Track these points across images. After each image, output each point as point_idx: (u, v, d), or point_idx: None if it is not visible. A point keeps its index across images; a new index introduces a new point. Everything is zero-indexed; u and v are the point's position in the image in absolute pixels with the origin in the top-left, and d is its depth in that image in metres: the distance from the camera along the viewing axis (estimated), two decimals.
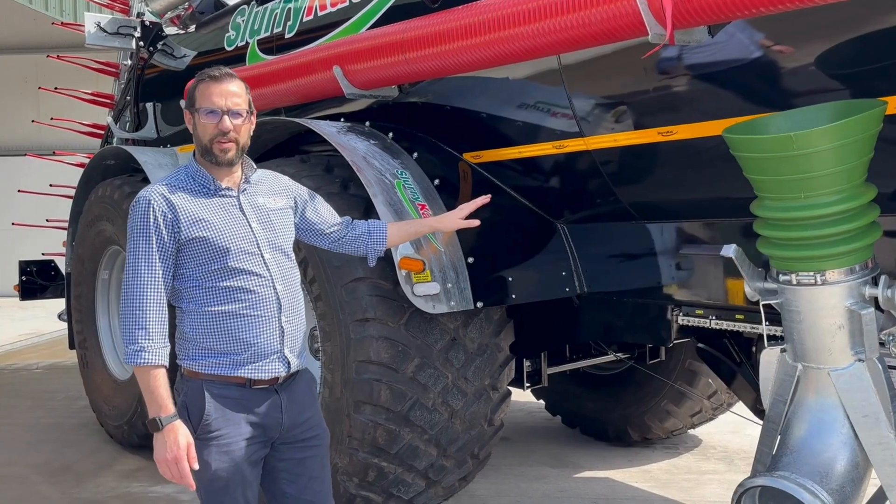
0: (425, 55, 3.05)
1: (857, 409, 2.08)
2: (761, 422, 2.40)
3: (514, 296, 3.28)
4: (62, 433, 5.61)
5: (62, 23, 6.68)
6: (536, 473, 4.57)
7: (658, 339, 3.27)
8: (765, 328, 2.21)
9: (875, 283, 2.07)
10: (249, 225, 2.31)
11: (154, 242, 2.20)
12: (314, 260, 3.25)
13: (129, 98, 5.84)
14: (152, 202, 2.23)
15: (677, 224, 3.08)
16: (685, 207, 3.02)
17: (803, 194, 2.00)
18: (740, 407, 4.29)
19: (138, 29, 5.67)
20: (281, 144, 4.07)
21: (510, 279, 3.29)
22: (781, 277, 2.14)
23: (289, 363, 2.32)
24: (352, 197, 3.32)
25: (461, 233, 3.20)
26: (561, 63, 2.93)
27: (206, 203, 2.28)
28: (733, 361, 3.33)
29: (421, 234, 2.89)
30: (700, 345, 3.39)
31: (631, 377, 4.70)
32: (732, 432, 5.19)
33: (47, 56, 6.91)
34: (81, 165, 6.35)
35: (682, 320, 3.11)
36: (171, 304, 2.28)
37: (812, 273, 2.07)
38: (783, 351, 2.24)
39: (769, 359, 2.28)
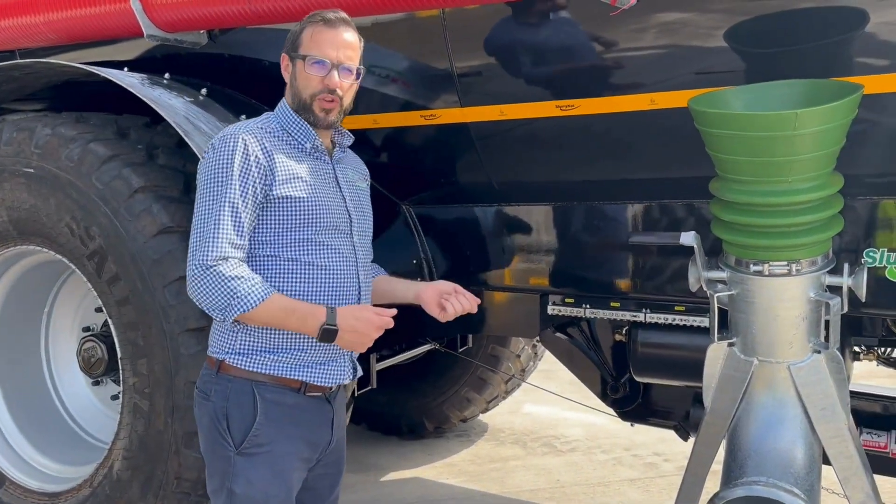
0: None
1: (815, 403, 2.02)
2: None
3: None
4: None
5: None
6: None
7: (524, 331, 3.03)
8: (716, 320, 2.06)
9: (835, 272, 2.01)
10: (345, 200, 2.03)
11: (240, 189, 1.85)
12: (117, 250, 2.46)
13: None
14: (247, 142, 1.89)
15: (550, 206, 2.84)
16: (567, 189, 2.79)
17: (790, 178, 1.86)
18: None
19: None
20: (27, 96, 3.07)
21: None
22: (750, 267, 1.99)
23: (355, 368, 2.06)
24: (164, 169, 2.57)
25: None
26: (445, 17, 2.51)
27: (302, 159, 1.97)
28: (591, 349, 3.21)
29: (399, 300, 2.23)
30: (558, 334, 3.23)
31: (428, 367, 4.45)
32: (511, 412, 5.22)
33: None
34: None
35: (552, 310, 2.90)
36: None
37: (786, 263, 1.95)
38: (731, 345, 2.10)
39: (715, 354, 2.13)
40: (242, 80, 2.93)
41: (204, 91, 2.79)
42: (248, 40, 2.89)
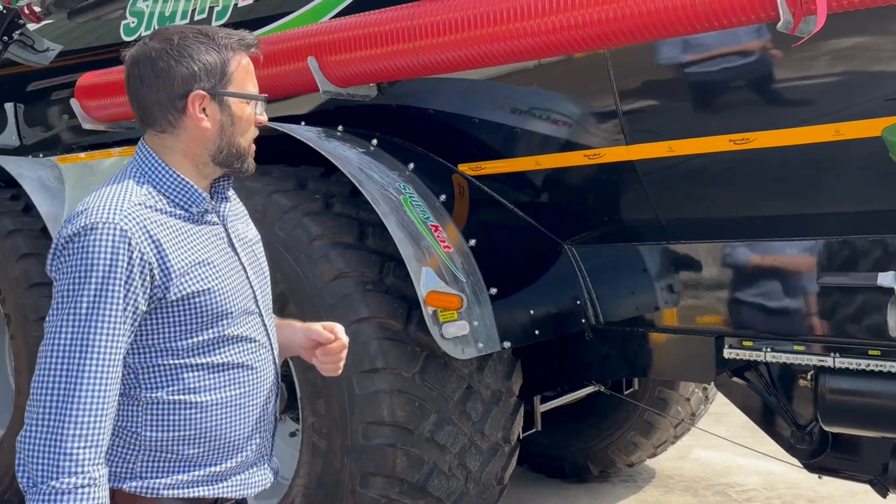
0: (442, 43, 2.51)
1: None
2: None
3: (537, 332, 2.79)
4: None
5: None
6: None
7: (698, 376, 2.90)
8: None
9: None
10: (245, 270, 1.59)
11: (122, 303, 1.38)
12: (298, 294, 2.59)
13: None
14: (130, 235, 1.39)
15: (725, 244, 2.72)
16: (741, 225, 2.66)
17: None
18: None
19: None
20: None
21: (531, 312, 2.80)
22: None
23: (275, 469, 1.70)
24: (339, 217, 2.69)
25: (478, 256, 2.69)
26: (609, 58, 2.50)
27: (195, 235, 1.51)
28: (771, 395, 3.02)
29: (293, 349, 1.78)
30: (735, 378, 3.07)
31: (590, 409, 4.34)
32: (680, 457, 4.98)
33: None
34: None
35: (729, 353, 2.75)
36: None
37: None
38: None
39: None
40: (410, 129, 3.04)
41: (374, 141, 2.92)
42: (414, 91, 3.00)
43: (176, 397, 1.47)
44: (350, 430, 2.50)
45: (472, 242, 2.73)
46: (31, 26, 4.55)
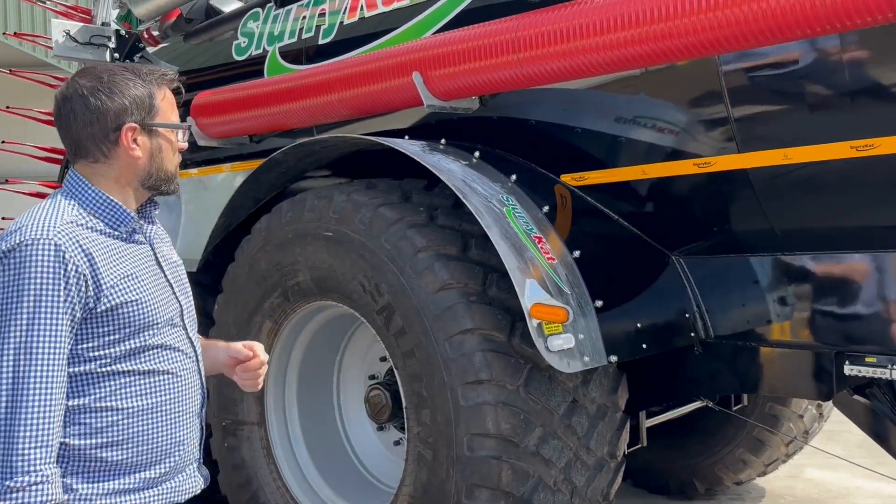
0: (547, 54, 2.50)
1: None
2: None
3: (644, 346, 2.73)
4: None
5: (15, 33, 5.82)
6: None
7: (815, 393, 2.76)
8: None
9: None
10: (171, 286, 1.73)
11: (60, 310, 1.48)
12: (403, 305, 2.63)
13: None
14: (63, 249, 1.50)
15: (848, 254, 2.59)
16: (863, 234, 2.53)
17: None
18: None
19: (113, 39, 4.92)
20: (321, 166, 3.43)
21: (638, 325, 2.74)
22: None
23: (205, 475, 1.78)
24: (443, 230, 2.72)
25: (582, 268, 2.65)
26: (720, 62, 2.43)
27: (123, 251, 1.64)
28: (895, 414, 2.86)
29: (217, 366, 1.92)
30: (856, 396, 2.92)
31: (696, 424, 4.20)
32: (792, 476, 4.77)
33: None
34: (36, 195, 5.49)
35: (850, 370, 2.61)
36: None
37: None
38: None
39: None
40: (511, 140, 3.04)
41: (477, 154, 2.93)
42: (516, 102, 2.99)
43: (102, 404, 1.56)
44: (455, 441, 2.51)
45: (577, 254, 2.69)
46: (150, 49, 4.82)
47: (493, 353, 2.52)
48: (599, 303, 2.62)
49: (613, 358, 2.59)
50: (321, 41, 3.56)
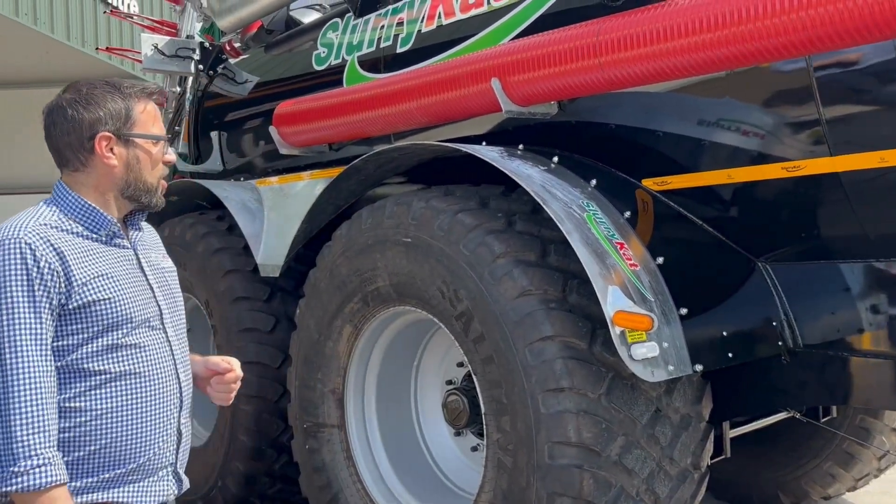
0: (629, 58, 2.46)
1: None
2: None
3: (730, 355, 2.66)
4: None
5: (107, 48, 6.08)
6: None
7: None
8: None
9: None
10: (152, 289, 1.78)
11: (40, 305, 1.58)
12: (482, 311, 2.63)
13: (178, 128, 5.25)
14: (34, 247, 1.59)
15: None
16: None
17: None
18: None
19: (197, 51, 5.09)
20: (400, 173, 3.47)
21: (724, 333, 2.67)
22: None
23: (181, 481, 1.80)
24: (521, 235, 2.71)
25: (665, 274, 2.61)
26: (811, 62, 2.35)
27: (100, 253, 1.71)
28: None
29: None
30: None
31: (782, 436, 4.06)
32: (884, 493, 4.56)
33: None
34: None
35: None
36: None
37: None
38: None
39: None
40: (590, 145, 3.01)
41: (555, 159, 2.91)
42: (595, 106, 2.96)
43: (70, 404, 1.61)
44: (536, 449, 2.50)
45: (660, 260, 2.65)
46: (232, 60, 4.97)
47: (574, 360, 2.49)
48: (684, 310, 2.56)
49: (699, 367, 2.53)
50: (399, 49, 3.60)
